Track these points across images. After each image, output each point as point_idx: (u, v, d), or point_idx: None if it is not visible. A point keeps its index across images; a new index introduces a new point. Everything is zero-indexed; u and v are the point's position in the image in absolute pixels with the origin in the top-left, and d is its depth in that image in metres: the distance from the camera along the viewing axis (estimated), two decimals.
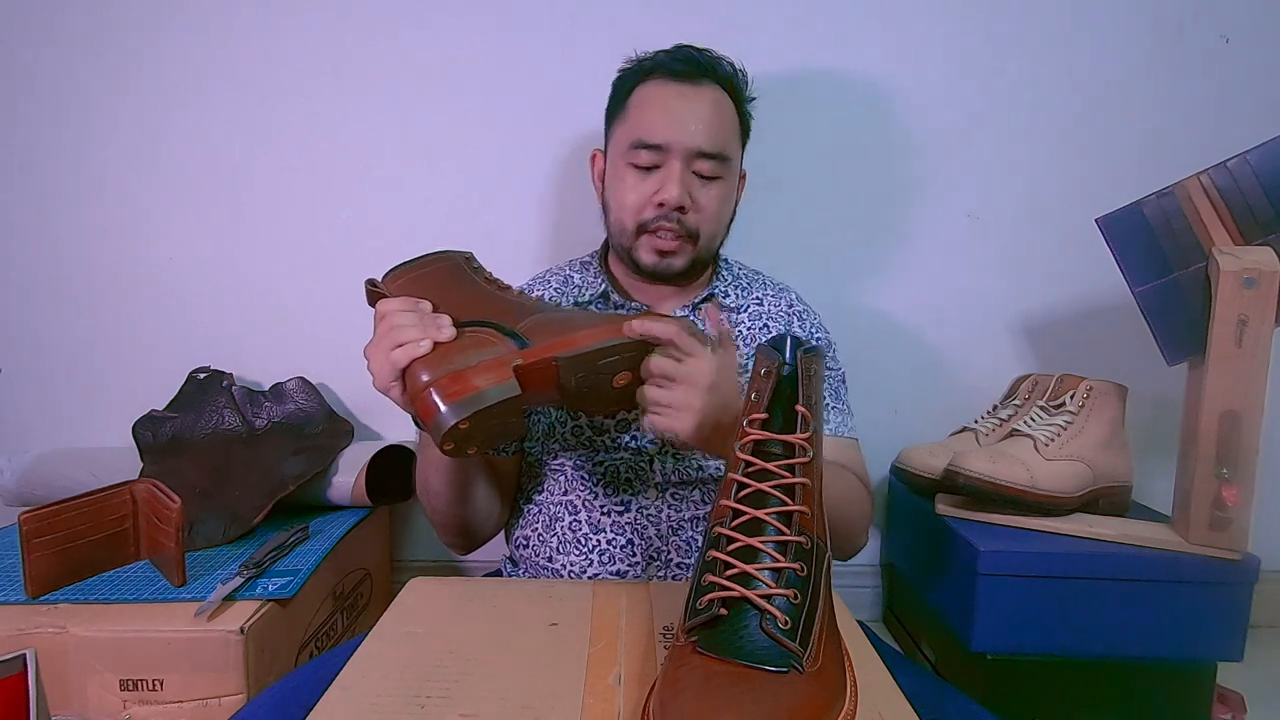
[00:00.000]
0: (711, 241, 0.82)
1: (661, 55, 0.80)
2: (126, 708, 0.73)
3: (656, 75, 0.79)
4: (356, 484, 1.03)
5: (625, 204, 0.79)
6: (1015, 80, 1.13)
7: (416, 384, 0.57)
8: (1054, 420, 0.93)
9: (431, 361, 0.57)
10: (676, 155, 0.76)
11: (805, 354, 0.48)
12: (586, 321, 0.62)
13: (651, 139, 0.77)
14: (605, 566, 0.78)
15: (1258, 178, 0.81)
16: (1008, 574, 0.84)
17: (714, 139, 0.77)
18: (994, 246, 1.16)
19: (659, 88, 0.79)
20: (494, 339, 0.60)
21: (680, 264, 0.80)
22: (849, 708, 0.40)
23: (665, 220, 0.77)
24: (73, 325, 1.18)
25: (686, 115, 0.77)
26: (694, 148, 0.76)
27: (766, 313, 0.87)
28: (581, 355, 0.59)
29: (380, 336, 0.59)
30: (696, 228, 0.79)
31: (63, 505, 0.78)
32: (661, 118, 0.77)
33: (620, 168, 0.80)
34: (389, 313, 0.59)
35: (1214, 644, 0.84)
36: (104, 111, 1.14)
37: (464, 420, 0.55)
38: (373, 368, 0.59)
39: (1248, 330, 0.79)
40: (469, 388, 0.56)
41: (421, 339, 0.57)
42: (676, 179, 0.76)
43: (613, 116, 0.84)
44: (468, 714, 0.44)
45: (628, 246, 0.81)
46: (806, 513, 0.45)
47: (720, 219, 0.82)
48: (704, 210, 0.79)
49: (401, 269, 0.64)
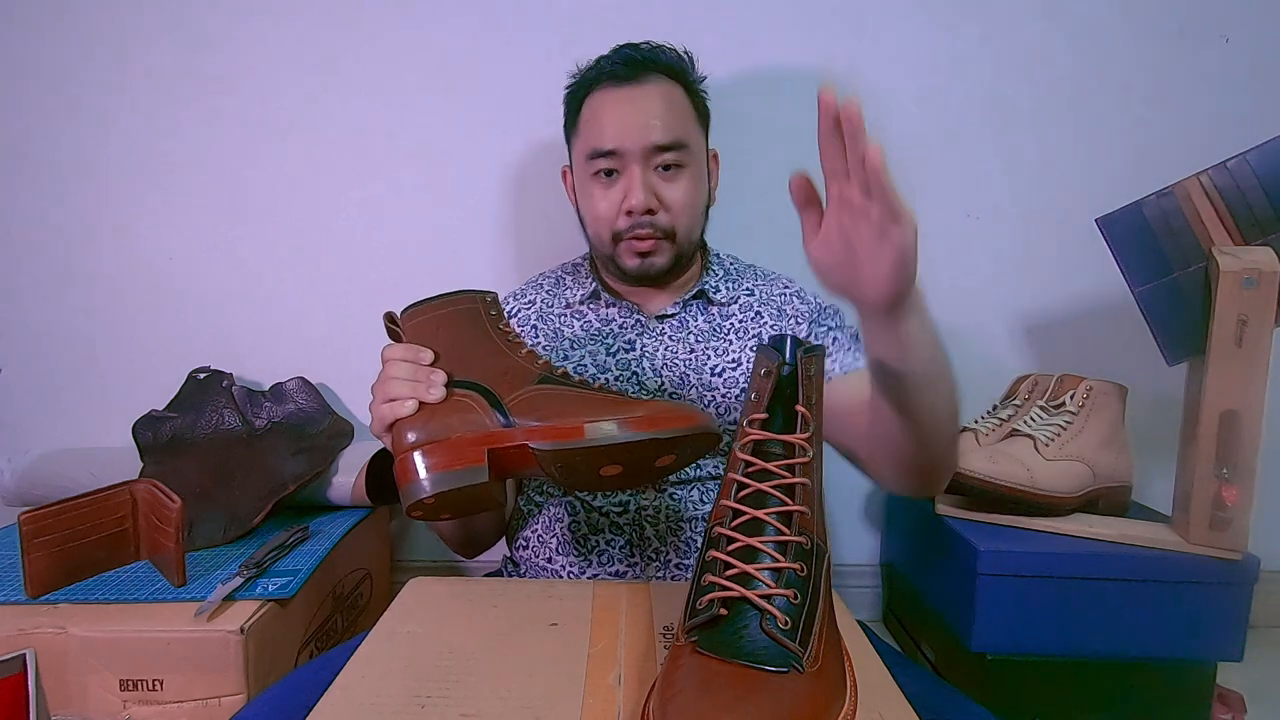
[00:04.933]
0: (690, 233, 0.82)
1: (603, 61, 0.82)
2: (126, 708, 0.73)
3: (600, 84, 0.80)
4: (356, 484, 1.03)
5: (597, 215, 0.80)
6: (1015, 80, 1.13)
7: (399, 443, 0.57)
8: (1054, 420, 0.93)
9: (415, 422, 0.57)
10: (633, 158, 0.77)
11: (805, 354, 0.48)
12: (582, 408, 0.57)
13: (605, 146, 0.78)
14: (605, 567, 0.78)
15: (1258, 178, 0.81)
16: (1008, 574, 0.84)
17: (668, 131, 0.78)
18: (994, 246, 1.16)
19: (604, 95, 0.80)
20: (480, 409, 0.58)
21: (663, 262, 0.81)
22: (849, 708, 0.40)
23: (639, 226, 0.78)
24: (73, 325, 1.18)
25: (634, 116, 0.77)
26: (649, 144, 0.77)
27: (758, 300, 0.87)
28: (561, 450, 0.56)
29: (377, 385, 0.59)
30: (671, 225, 0.79)
31: (63, 505, 0.78)
32: (611, 124, 0.78)
33: (585, 180, 0.81)
34: (389, 361, 0.60)
35: (1214, 644, 0.84)
36: (104, 111, 1.14)
37: (430, 497, 0.55)
38: (373, 404, 0.59)
39: (1248, 330, 0.79)
40: (441, 463, 0.56)
41: (409, 398, 0.57)
42: (638, 183, 0.77)
43: (570, 132, 0.86)
44: (468, 714, 0.44)
45: (609, 255, 0.82)
46: (806, 513, 0.45)
47: (693, 209, 0.82)
48: (674, 205, 0.79)
49: (421, 306, 0.63)
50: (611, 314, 0.85)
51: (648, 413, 0.56)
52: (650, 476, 0.63)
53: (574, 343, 0.84)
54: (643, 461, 0.59)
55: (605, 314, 0.86)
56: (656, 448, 0.57)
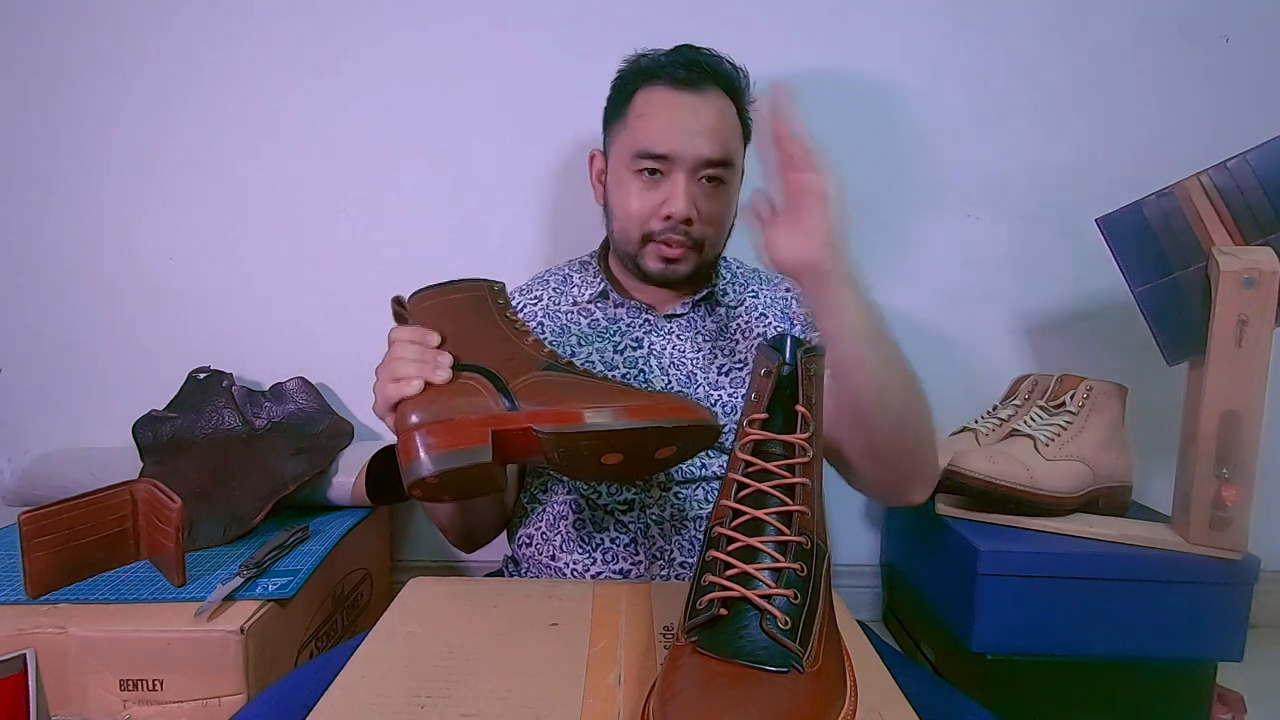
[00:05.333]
0: (715, 247, 0.82)
1: (663, 57, 0.80)
2: (126, 708, 0.73)
3: (659, 81, 0.78)
4: (356, 484, 1.03)
5: (630, 213, 0.79)
6: (1015, 80, 1.13)
7: (402, 422, 0.57)
8: (1054, 420, 0.93)
9: (419, 402, 0.57)
10: (682, 167, 0.76)
11: (805, 354, 0.48)
12: (585, 394, 0.58)
13: (656, 149, 0.76)
14: (609, 565, 0.78)
15: (1258, 178, 0.81)
16: (1007, 574, 0.84)
17: (720, 147, 0.77)
18: (994, 246, 1.16)
19: (662, 95, 0.78)
20: (486, 391, 0.58)
21: (686, 270, 0.81)
22: (849, 708, 0.40)
23: (673, 232, 0.78)
24: (73, 325, 1.18)
25: (692, 125, 0.76)
26: (700, 158, 0.76)
27: (763, 303, 0.87)
28: (563, 434, 0.56)
29: (383, 365, 0.60)
30: (702, 236, 0.79)
31: (63, 505, 0.78)
32: (666, 128, 0.76)
33: (623, 175, 0.80)
34: (395, 342, 0.60)
35: (1214, 644, 0.84)
36: (104, 111, 1.14)
37: (433, 475, 0.55)
38: (377, 385, 0.60)
39: (1248, 330, 0.79)
40: (445, 443, 0.56)
41: (415, 378, 0.57)
42: (683, 192, 0.76)
43: (613, 118, 0.83)
44: (468, 714, 0.44)
45: (633, 254, 0.81)
46: (806, 513, 0.45)
47: (725, 224, 0.82)
48: (711, 219, 0.79)
49: (429, 291, 0.64)
50: (619, 313, 0.85)
51: (649, 401, 0.57)
52: (651, 468, 0.64)
53: (581, 339, 0.84)
54: (643, 451, 0.59)
55: (613, 313, 0.85)
56: (658, 437, 0.57)
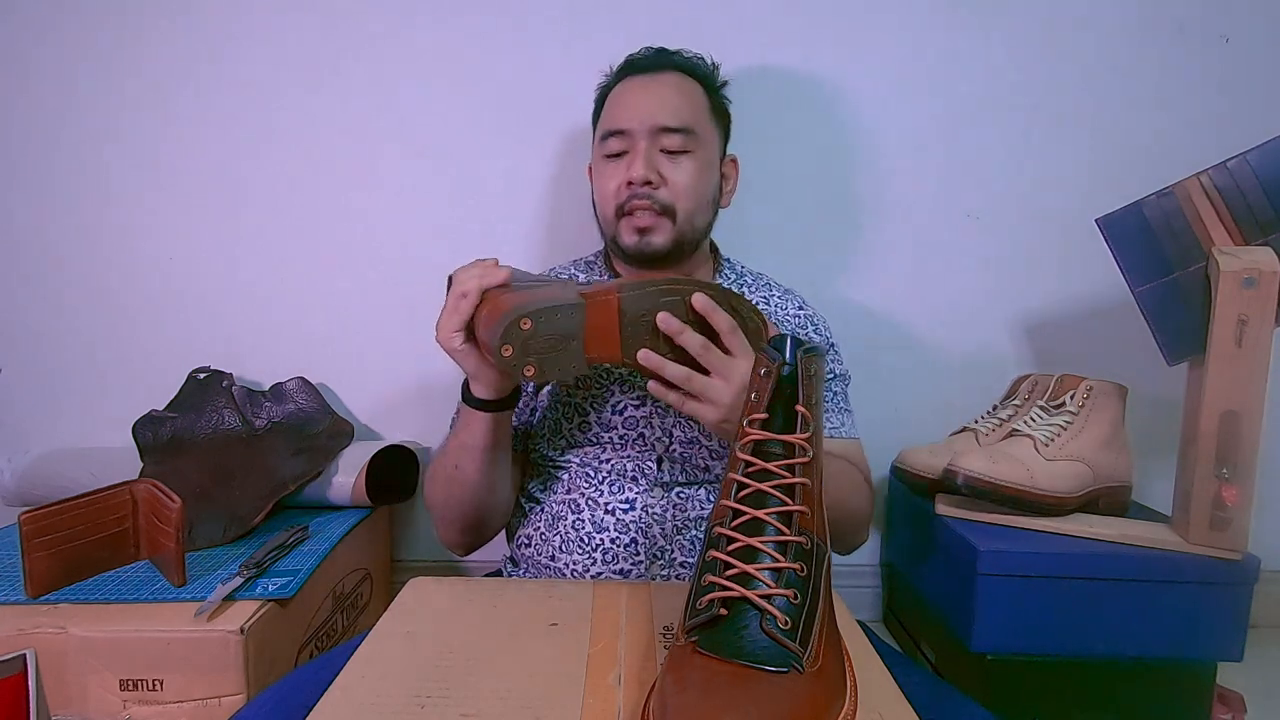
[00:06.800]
0: (691, 218, 0.82)
1: (630, 58, 0.87)
2: (126, 708, 0.73)
3: (623, 75, 0.86)
4: (356, 484, 1.03)
5: (605, 193, 0.83)
6: (1015, 80, 1.13)
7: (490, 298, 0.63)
8: (1054, 420, 0.93)
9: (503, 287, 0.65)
10: (640, 136, 0.80)
11: (805, 354, 0.48)
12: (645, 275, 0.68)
13: (616, 125, 0.81)
14: (609, 565, 0.78)
15: (1258, 178, 0.81)
16: (1007, 574, 0.84)
17: (676, 114, 0.80)
18: (994, 246, 1.16)
19: (624, 84, 0.85)
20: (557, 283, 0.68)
21: (660, 241, 0.80)
22: (849, 708, 0.40)
23: (637, 198, 0.79)
24: (73, 325, 1.18)
25: (646, 98, 0.82)
26: (656, 125, 0.80)
27: (774, 315, 0.87)
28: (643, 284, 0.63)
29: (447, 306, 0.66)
30: (671, 202, 0.80)
31: (63, 505, 0.78)
32: (624, 105, 0.82)
33: (599, 165, 0.84)
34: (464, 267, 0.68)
35: (1214, 644, 0.84)
36: (104, 111, 1.14)
37: (526, 317, 0.58)
38: (441, 321, 0.66)
39: (1248, 330, 0.79)
40: (536, 297, 0.62)
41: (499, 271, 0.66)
42: (641, 156, 0.79)
43: (594, 125, 0.89)
44: (468, 714, 0.44)
45: (612, 235, 0.83)
46: (806, 513, 0.45)
47: (697, 195, 0.81)
48: (675, 185, 0.80)
49: None
50: None
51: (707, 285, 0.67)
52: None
53: None
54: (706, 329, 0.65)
55: None
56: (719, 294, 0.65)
